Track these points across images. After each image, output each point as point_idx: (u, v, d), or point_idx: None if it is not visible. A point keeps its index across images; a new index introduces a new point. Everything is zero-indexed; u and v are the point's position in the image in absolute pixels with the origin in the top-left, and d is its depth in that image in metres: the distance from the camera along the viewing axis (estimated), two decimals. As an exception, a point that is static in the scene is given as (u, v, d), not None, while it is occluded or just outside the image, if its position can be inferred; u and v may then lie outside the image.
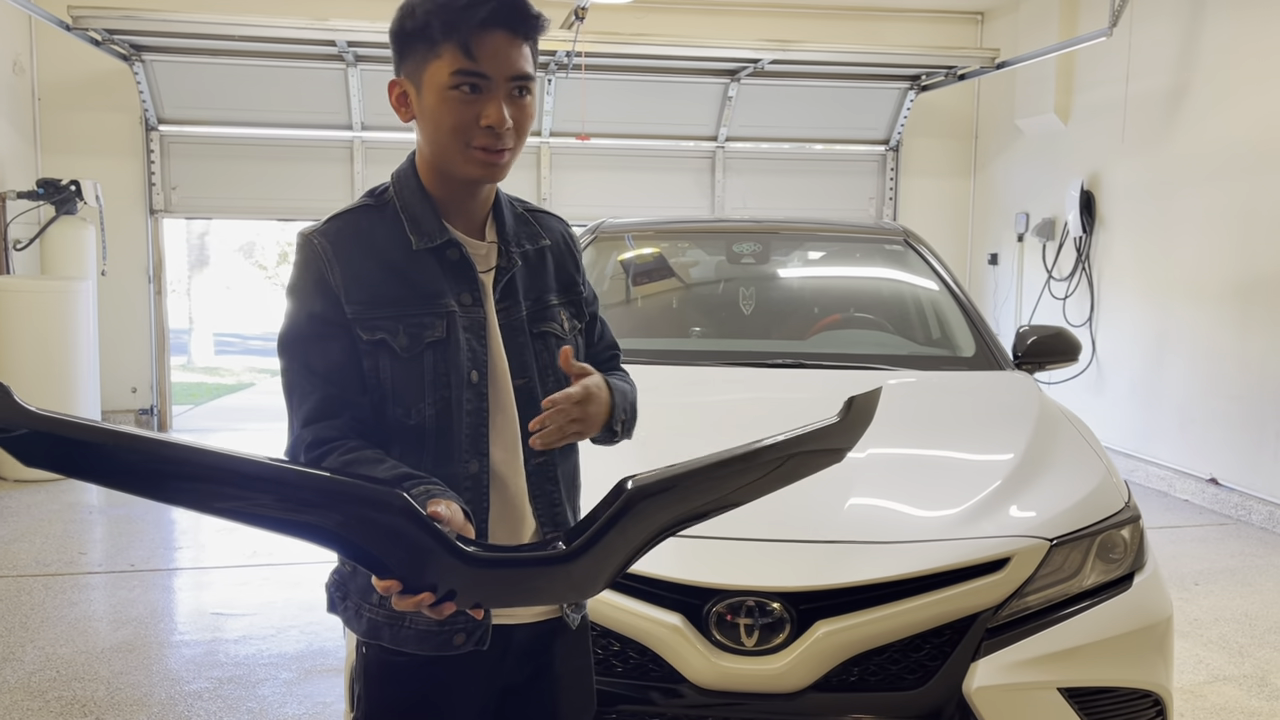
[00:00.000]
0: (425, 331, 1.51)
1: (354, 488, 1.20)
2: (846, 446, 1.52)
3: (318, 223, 1.57)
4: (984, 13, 8.56)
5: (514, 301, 1.61)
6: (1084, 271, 7.30)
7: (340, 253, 1.52)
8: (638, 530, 1.33)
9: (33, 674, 3.57)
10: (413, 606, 1.23)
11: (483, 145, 1.48)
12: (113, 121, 7.66)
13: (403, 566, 1.22)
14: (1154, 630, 2.42)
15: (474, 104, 1.47)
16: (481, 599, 1.31)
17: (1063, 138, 7.59)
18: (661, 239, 4.41)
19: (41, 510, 5.73)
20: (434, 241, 1.54)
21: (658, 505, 1.33)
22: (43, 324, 6.42)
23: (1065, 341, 3.69)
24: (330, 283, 1.50)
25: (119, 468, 1.11)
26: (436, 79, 1.47)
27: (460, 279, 1.56)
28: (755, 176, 8.47)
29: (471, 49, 1.45)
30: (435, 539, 1.22)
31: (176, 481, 1.13)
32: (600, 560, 1.32)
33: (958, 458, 2.82)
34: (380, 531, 1.20)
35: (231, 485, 1.14)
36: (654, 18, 7.91)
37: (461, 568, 1.24)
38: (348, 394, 1.50)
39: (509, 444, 1.59)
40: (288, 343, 1.52)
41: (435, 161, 1.54)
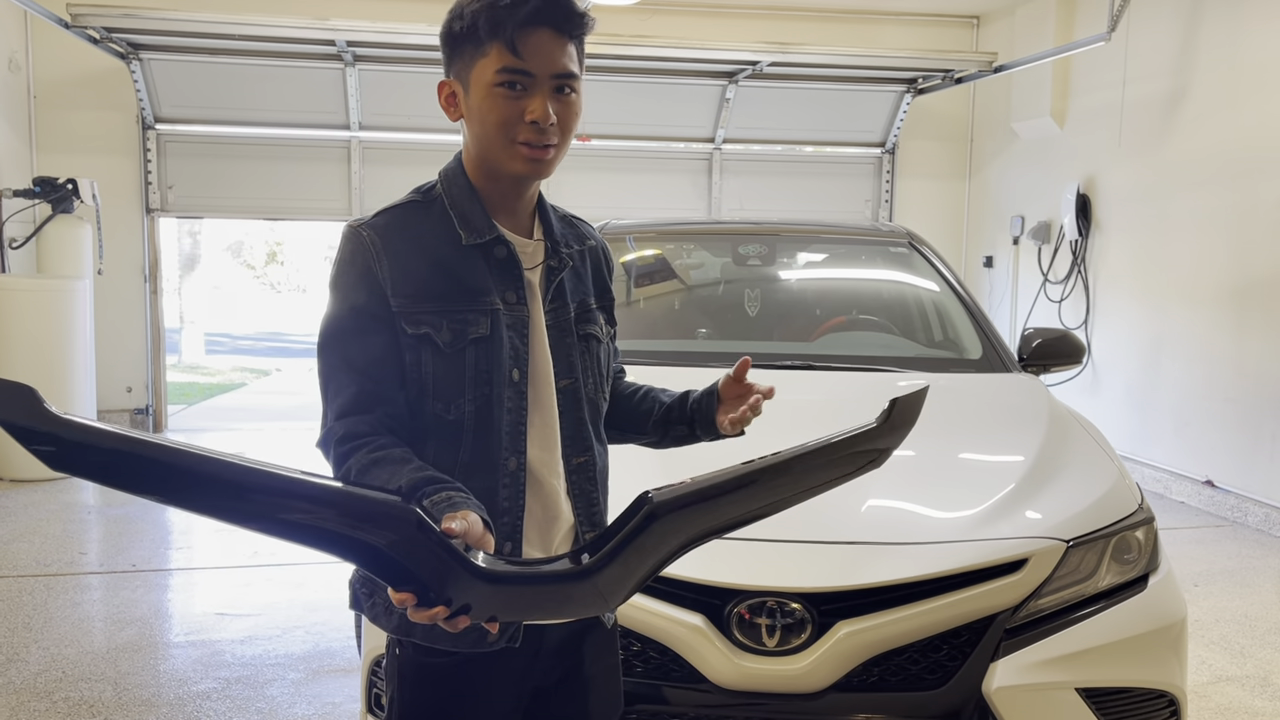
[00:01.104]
0: (469, 328, 1.52)
1: (370, 502, 1.19)
2: (890, 448, 1.49)
3: (365, 216, 1.57)
4: (980, 16, 8.60)
5: (563, 303, 1.63)
6: (1080, 274, 7.34)
7: (389, 246, 1.52)
8: (658, 545, 1.30)
9: (38, 674, 3.56)
10: (428, 619, 1.23)
11: (527, 140, 1.50)
12: (109, 120, 7.63)
13: (417, 580, 1.21)
14: (1169, 631, 2.44)
15: (518, 100, 1.49)
16: (497, 612, 1.28)
17: (1059, 141, 7.63)
18: (666, 240, 4.42)
19: (40, 510, 5.70)
20: (483, 238, 1.55)
21: (680, 520, 1.30)
22: (39, 323, 6.39)
23: (1070, 344, 3.71)
24: (377, 275, 1.50)
25: (143, 476, 1.11)
26: (483, 76, 1.49)
27: (506, 277, 1.57)
28: (752, 178, 8.50)
29: (516, 46, 1.47)
30: (450, 555, 1.20)
31: (198, 492, 1.13)
32: (618, 575, 1.29)
33: (972, 460, 2.84)
34: (393, 545, 1.19)
35: (252, 497, 1.14)
36: (654, 20, 7.93)
37: (476, 583, 1.23)
38: (384, 389, 1.50)
39: (547, 443, 1.59)
40: (329, 334, 1.52)
41: (482, 159, 1.56)
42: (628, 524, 1.27)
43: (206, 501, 1.14)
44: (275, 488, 1.15)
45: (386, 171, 7.94)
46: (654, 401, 1.79)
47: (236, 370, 14.57)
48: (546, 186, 7.13)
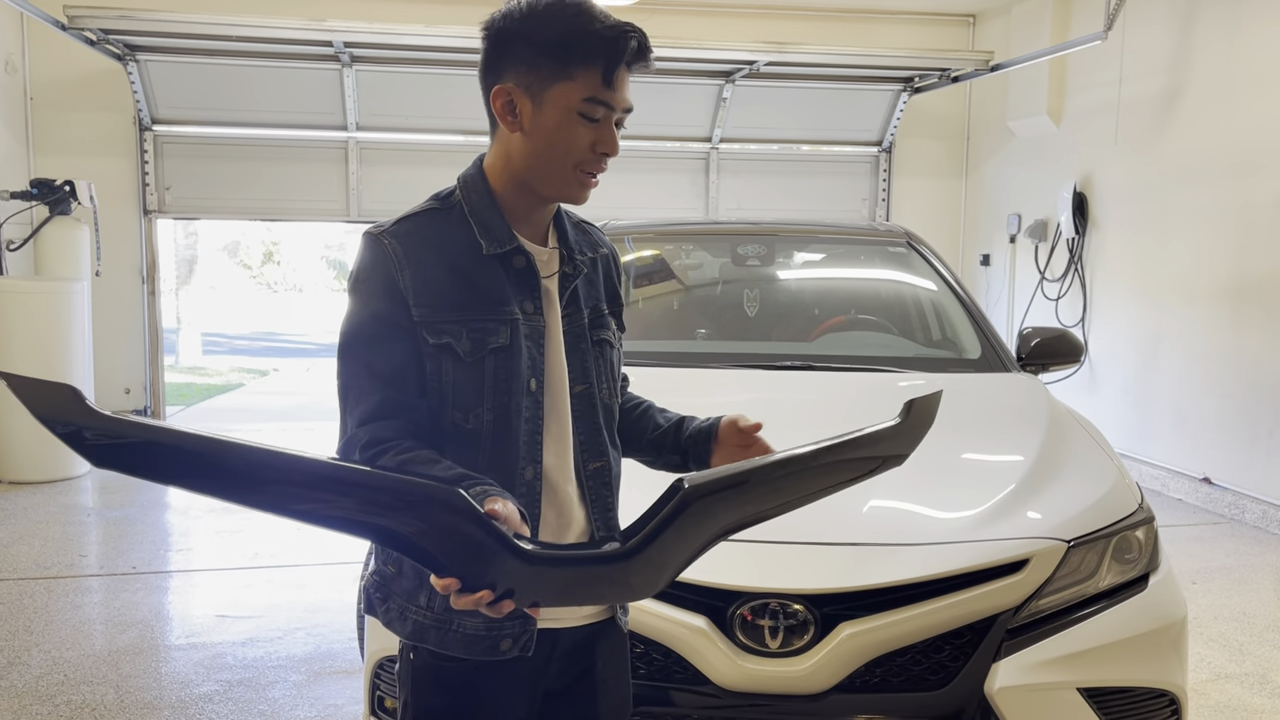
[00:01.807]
0: (489, 337, 1.52)
1: (415, 486, 1.22)
2: (906, 451, 1.52)
3: (385, 223, 1.57)
4: (976, 15, 8.62)
5: (577, 309, 1.63)
6: (1077, 272, 7.35)
7: (410, 254, 1.52)
8: (694, 530, 1.33)
9: (40, 678, 3.56)
10: (471, 605, 1.25)
11: (590, 170, 1.53)
12: (106, 121, 7.62)
13: (461, 565, 1.23)
14: (1170, 630, 2.45)
15: (594, 130, 1.50)
16: (539, 598, 1.31)
17: (1055, 140, 7.64)
18: (665, 241, 4.43)
19: (39, 512, 5.70)
20: (503, 248, 1.55)
21: (714, 505, 1.33)
22: (37, 325, 6.38)
23: (1068, 343, 3.72)
24: (399, 284, 1.50)
25: (188, 470, 1.13)
26: (565, 100, 1.48)
27: (524, 287, 1.57)
28: (749, 178, 8.51)
29: (613, 80, 1.49)
30: (494, 537, 1.23)
31: (245, 483, 1.15)
32: (657, 560, 1.32)
33: (973, 460, 2.84)
34: (440, 530, 1.21)
35: (298, 486, 1.16)
36: (651, 20, 7.91)
37: (520, 566, 1.25)
38: (407, 397, 1.51)
39: (561, 450, 1.60)
40: (350, 341, 1.52)
41: (526, 175, 1.54)
42: (663, 509, 1.30)
43: (254, 493, 1.16)
44: (323, 476, 1.17)
45: (384, 172, 7.94)
46: (650, 420, 1.80)
47: (234, 371, 14.56)
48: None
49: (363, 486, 1.20)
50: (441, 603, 1.56)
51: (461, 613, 1.55)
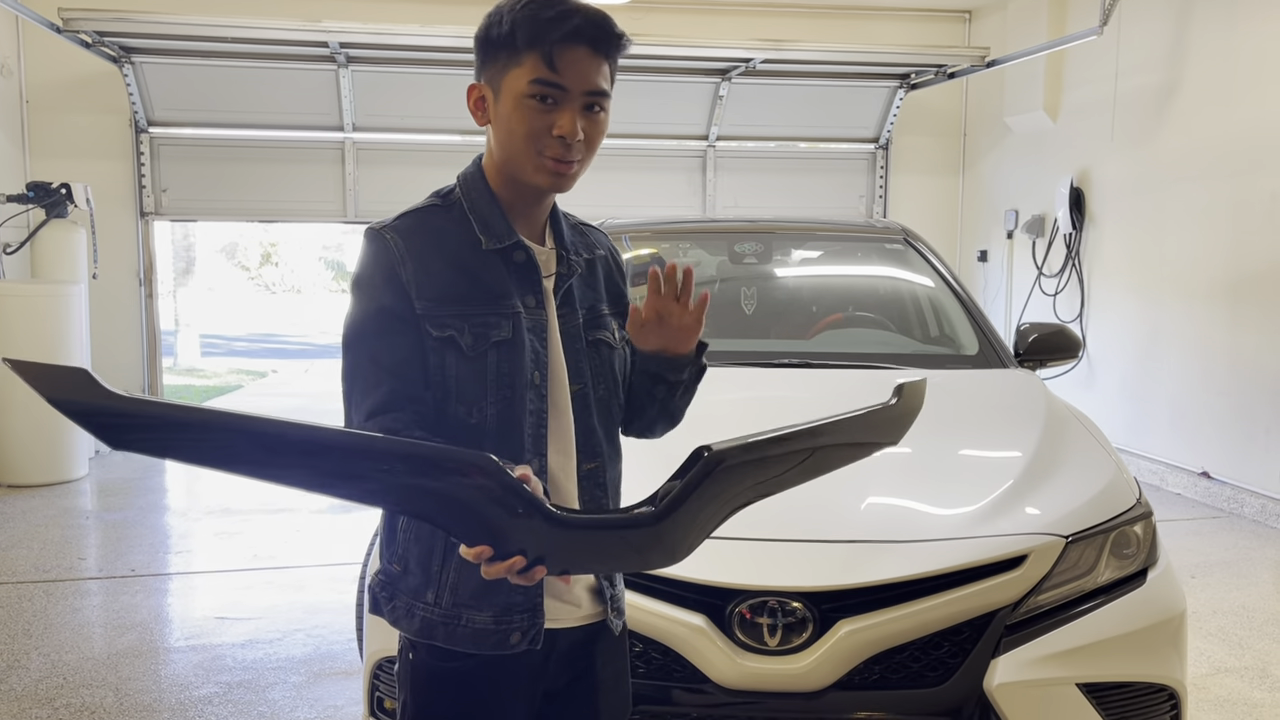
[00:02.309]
0: (491, 331, 1.53)
1: (448, 452, 1.22)
2: (900, 432, 1.56)
3: (387, 219, 1.58)
4: (972, 11, 8.61)
5: (572, 309, 1.63)
6: (1074, 268, 7.35)
7: (412, 248, 1.53)
8: (717, 496, 1.36)
9: (39, 681, 3.56)
10: (504, 572, 1.26)
11: (554, 155, 1.52)
12: (102, 124, 7.61)
13: (493, 530, 1.24)
14: (1169, 625, 2.45)
15: (548, 114, 1.50)
16: (569, 564, 1.33)
17: (1052, 135, 7.64)
18: (662, 239, 4.42)
19: (37, 515, 5.69)
20: (503, 243, 1.56)
21: (737, 471, 1.36)
22: (34, 328, 6.37)
23: (1066, 338, 3.73)
24: (402, 278, 1.51)
25: (209, 447, 1.12)
26: (515, 86, 1.49)
27: (525, 281, 1.58)
28: (746, 175, 8.50)
29: (554, 60, 1.48)
30: (526, 500, 1.24)
31: (273, 457, 1.14)
32: (684, 525, 1.34)
33: (970, 456, 2.85)
34: (473, 494, 1.22)
35: (327, 459, 1.16)
36: (647, 18, 7.92)
37: (551, 530, 1.26)
38: (413, 389, 1.51)
39: (564, 448, 1.60)
40: (355, 334, 1.53)
41: (505, 167, 1.57)
42: (688, 474, 1.32)
43: (282, 468, 1.16)
44: (352, 447, 1.17)
45: (380, 172, 7.94)
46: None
47: (233, 372, 14.55)
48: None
49: (394, 455, 1.20)
50: (449, 599, 1.56)
51: (470, 607, 1.55)
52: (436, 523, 1.27)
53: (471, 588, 1.54)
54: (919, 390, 1.58)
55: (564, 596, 1.61)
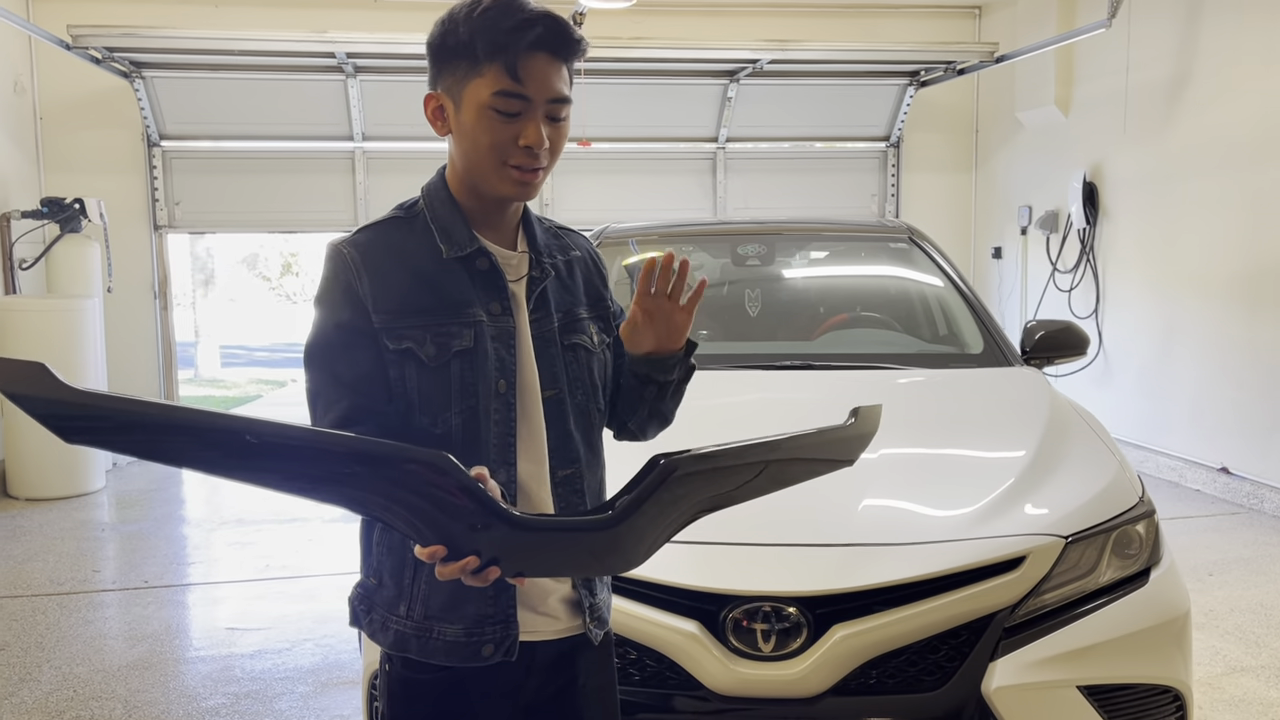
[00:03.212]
0: (453, 341, 1.52)
1: (401, 450, 1.21)
2: (851, 458, 1.55)
3: (348, 233, 1.57)
4: (981, 6, 8.55)
5: (546, 313, 1.62)
6: (1089, 263, 7.28)
7: (369, 262, 1.52)
8: (672, 503, 1.36)
9: (50, 694, 3.58)
10: (457, 572, 1.25)
11: (518, 164, 1.50)
12: (115, 139, 7.68)
13: (447, 530, 1.24)
14: (1172, 625, 2.41)
15: (513, 124, 1.48)
16: (525, 566, 1.32)
17: (1064, 130, 7.57)
18: (665, 243, 4.41)
19: (53, 528, 5.74)
20: (464, 251, 1.55)
21: (691, 480, 1.35)
22: (49, 342, 6.43)
23: (1074, 335, 3.69)
24: (358, 292, 1.51)
25: (161, 442, 1.11)
26: (477, 97, 1.47)
27: (490, 288, 1.56)
28: (757, 176, 8.48)
29: (517, 70, 1.46)
30: (480, 500, 1.23)
31: (224, 453, 1.13)
32: (639, 531, 1.34)
33: (970, 456, 2.81)
34: (426, 493, 1.21)
35: (280, 455, 1.15)
36: (652, 21, 7.92)
37: (506, 531, 1.26)
38: (374, 403, 1.50)
39: (535, 455, 1.59)
40: (315, 351, 1.52)
41: (468, 176, 1.55)
42: (645, 479, 1.32)
43: (234, 463, 1.14)
44: (305, 443, 1.15)
45: (391, 181, 7.96)
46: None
47: (253, 382, 14.65)
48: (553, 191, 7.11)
49: (348, 452, 1.18)
50: (421, 611, 1.55)
51: (441, 620, 1.54)
52: (391, 523, 1.26)
53: (442, 600, 1.54)
54: (875, 414, 1.57)
55: (539, 608, 1.60)
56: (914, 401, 3.18)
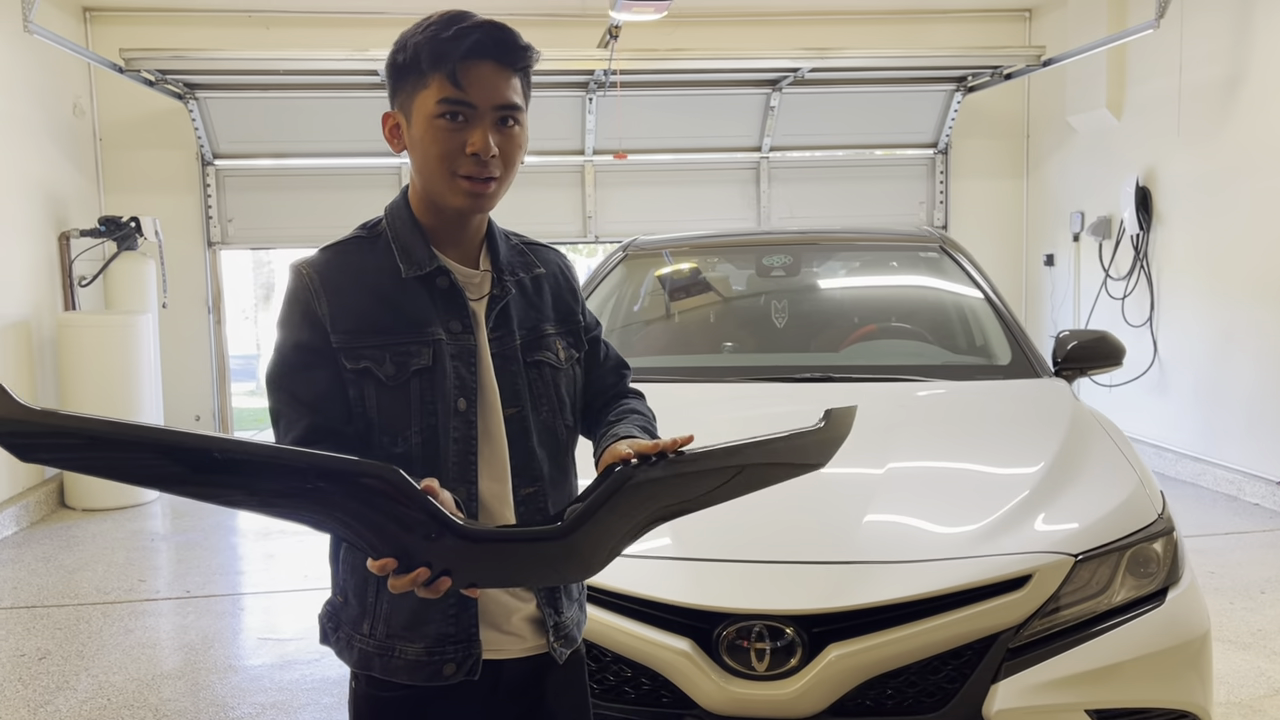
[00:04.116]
0: (412, 360, 1.52)
1: (349, 463, 1.22)
2: (821, 461, 1.53)
3: (310, 254, 1.59)
4: (1032, 9, 8.39)
5: (508, 330, 1.61)
6: (1142, 270, 7.09)
7: (327, 283, 1.54)
8: (629, 511, 1.35)
9: (84, 702, 3.67)
10: (409, 584, 1.26)
11: (468, 174, 1.50)
12: (170, 158, 7.88)
13: (397, 542, 1.24)
14: (1189, 647, 2.32)
15: (460, 132, 1.49)
16: (477, 578, 1.32)
17: (1116, 133, 7.39)
18: (692, 255, 4.40)
19: (107, 538, 5.89)
20: (423, 269, 1.56)
21: (648, 488, 1.36)
22: (106, 357, 6.61)
23: (1108, 345, 3.59)
24: (317, 313, 1.52)
25: (115, 459, 1.12)
26: (424, 108, 1.49)
27: (450, 307, 1.57)
28: (802, 185, 8.41)
29: (458, 78, 1.47)
30: (429, 512, 1.24)
31: (172, 469, 1.14)
32: (594, 539, 1.34)
33: (981, 470, 2.75)
34: (375, 505, 1.22)
35: (228, 470, 1.16)
36: (693, 32, 7.91)
37: (456, 543, 1.26)
38: (333, 423, 1.51)
39: (497, 474, 1.58)
40: (275, 372, 1.54)
41: (425, 191, 1.56)
42: (599, 489, 1.33)
43: (183, 479, 1.15)
44: (254, 458, 1.17)
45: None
46: (605, 427, 1.75)
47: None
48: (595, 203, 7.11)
49: (299, 466, 1.20)
50: (384, 629, 1.56)
51: (403, 638, 1.55)
52: (344, 536, 1.27)
53: (404, 618, 1.54)
54: (847, 417, 1.55)
55: (504, 627, 1.60)
56: (929, 414, 3.12)
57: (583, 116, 7.86)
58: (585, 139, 7.94)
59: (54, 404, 6.76)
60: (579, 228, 8.13)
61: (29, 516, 6.23)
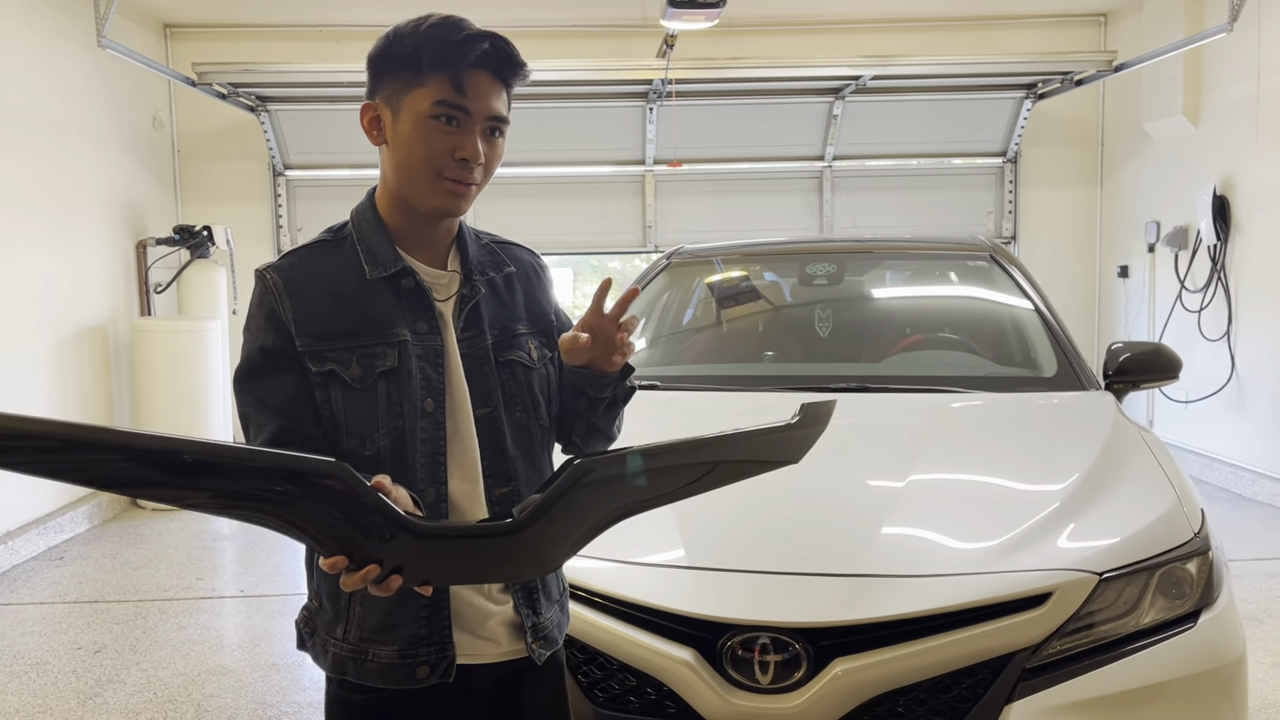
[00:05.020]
0: (377, 361, 1.53)
1: (297, 460, 1.22)
2: (795, 458, 1.49)
3: (275, 259, 1.60)
4: (1107, 14, 8.17)
5: (479, 330, 1.61)
6: (1220, 281, 6.83)
7: (291, 286, 1.54)
8: (586, 507, 1.34)
9: (131, 695, 3.77)
10: (360, 582, 1.26)
11: (454, 177, 1.51)
12: (244, 169, 8.10)
13: (347, 540, 1.24)
14: (1219, 673, 2.22)
15: (451, 136, 1.50)
16: (429, 575, 1.32)
17: (1193, 141, 7.14)
18: (738, 263, 4.36)
19: (172, 537, 6.06)
20: (388, 271, 1.56)
21: (606, 482, 1.34)
22: (178, 360, 6.82)
23: (1163, 358, 3.47)
24: (281, 316, 1.53)
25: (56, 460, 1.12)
26: (418, 106, 1.50)
27: (416, 308, 1.57)
28: (866, 194, 8.30)
29: (461, 83, 1.48)
30: (378, 509, 1.24)
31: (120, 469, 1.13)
32: (550, 536, 1.32)
33: (1008, 485, 2.66)
34: (324, 502, 1.22)
35: (173, 469, 1.15)
36: (756, 41, 7.87)
37: (407, 540, 1.26)
38: (301, 426, 1.52)
39: (468, 474, 1.58)
40: (242, 376, 1.56)
41: (400, 190, 1.56)
42: (554, 483, 1.32)
43: (131, 479, 1.15)
44: (199, 456, 1.16)
45: (500, 205, 8.12)
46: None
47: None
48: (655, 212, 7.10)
49: (247, 464, 1.19)
50: (357, 633, 1.56)
51: (376, 642, 1.55)
52: (295, 535, 1.27)
53: (376, 622, 1.54)
54: (823, 411, 1.49)
55: (479, 632, 1.59)
56: (961, 427, 3.04)
57: (643, 126, 7.87)
58: (646, 149, 7.96)
59: (129, 405, 7.01)
60: (638, 237, 8.14)
61: (101, 514, 6.45)
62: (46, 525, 5.84)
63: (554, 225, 8.13)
